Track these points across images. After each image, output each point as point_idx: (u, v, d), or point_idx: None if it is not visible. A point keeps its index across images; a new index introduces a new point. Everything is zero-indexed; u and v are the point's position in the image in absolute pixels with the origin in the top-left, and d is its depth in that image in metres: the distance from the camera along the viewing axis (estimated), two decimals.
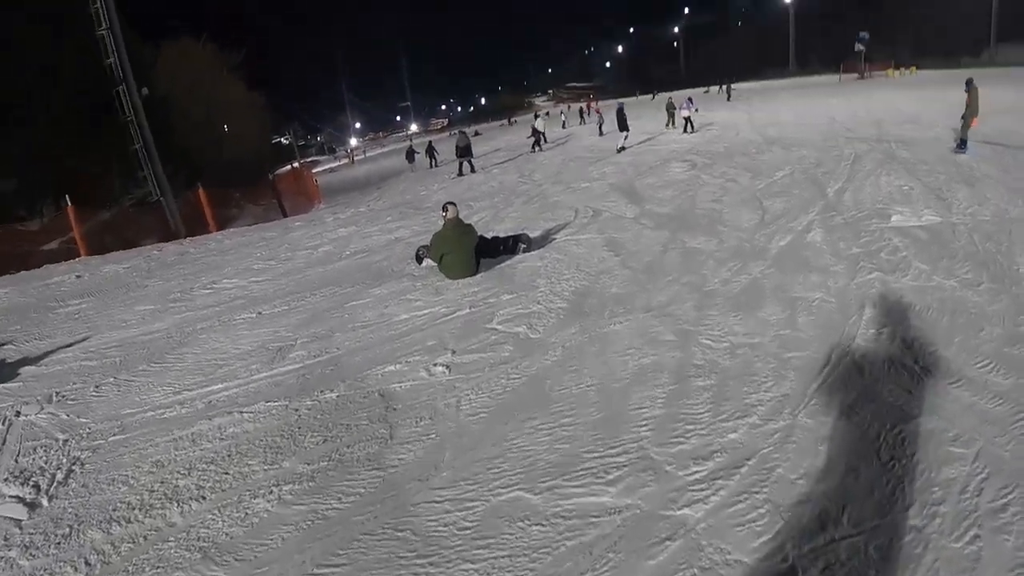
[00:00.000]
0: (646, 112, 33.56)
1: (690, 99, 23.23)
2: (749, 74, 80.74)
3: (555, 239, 8.62)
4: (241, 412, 4.45)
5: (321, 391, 4.63)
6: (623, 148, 19.01)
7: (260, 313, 7.16)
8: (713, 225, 8.12)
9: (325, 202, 23.98)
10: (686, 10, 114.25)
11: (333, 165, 76.07)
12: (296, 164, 40.11)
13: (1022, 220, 6.92)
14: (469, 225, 7.46)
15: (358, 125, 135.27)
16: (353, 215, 16.19)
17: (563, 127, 36.08)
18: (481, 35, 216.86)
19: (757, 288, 5.61)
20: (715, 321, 4.95)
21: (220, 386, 5.03)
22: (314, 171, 47.47)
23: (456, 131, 26.10)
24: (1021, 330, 4.27)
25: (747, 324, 4.82)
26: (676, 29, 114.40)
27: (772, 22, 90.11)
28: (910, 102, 23.33)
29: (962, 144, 11.64)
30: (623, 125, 19.87)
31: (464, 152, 20.99)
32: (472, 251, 7.22)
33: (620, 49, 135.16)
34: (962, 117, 11.77)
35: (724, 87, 47.69)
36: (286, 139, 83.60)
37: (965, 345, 4.10)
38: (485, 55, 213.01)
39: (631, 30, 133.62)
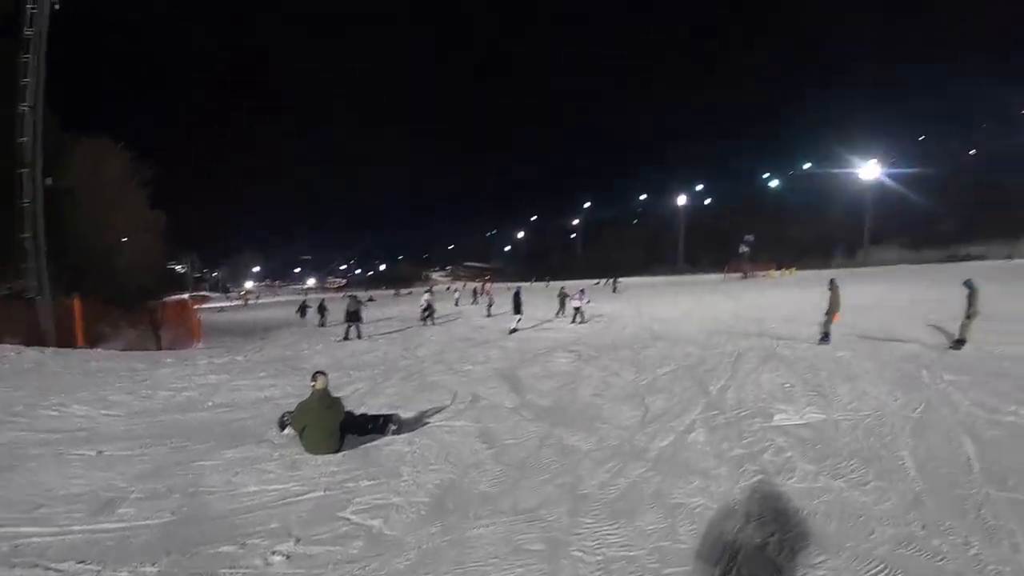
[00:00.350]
0: (538, 299, 35.08)
1: (583, 290, 24.40)
2: (640, 269, 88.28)
3: (428, 423, 8.46)
4: (47, 569, 4.13)
5: (141, 562, 4.28)
6: (515, 330, 20.24)
7: (101, 452, 7.06)
8: (593, 421, 8.10)
9: (205, 342, 23.39)
10: (587, 204, 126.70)
11: (224, 304, 77.62)
12: (185, 296, 38.46)
13: (901, 413, 7.47)
14: (337, 399, 7.39)
15: (256, 269, 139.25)
16: (228, 363, 15.94)
17: (456, 304, 36.92)
18: (390, 203, 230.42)
19: (636, 493, 5.45)
20: (589, 530, 4.68)
21: (33, 529, 4.79)
22: (204, 307, 48.97)
23: (348, 294, 26.42)
24: (912, 528, 4.35)
25: (624, 534, 4.58)
26: (575, 221, 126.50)
27: (665, 221, 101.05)
28: (789, 301, 25.79)
29: (825, 337, 13.41)
30: (518, 308, 21.20)
31: (352, 317, 21.36)
32: (337, 426, 7.10)
33: (521, 234, 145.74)
34: (826, 313, 13.59)
35: (611, 281, 52.49)
36: (181, 268, 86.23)
37: (856, 551, 4.10)
38: (391, 223, 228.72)
39: (533, 218, 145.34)
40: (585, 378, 11.14)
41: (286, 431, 7.66)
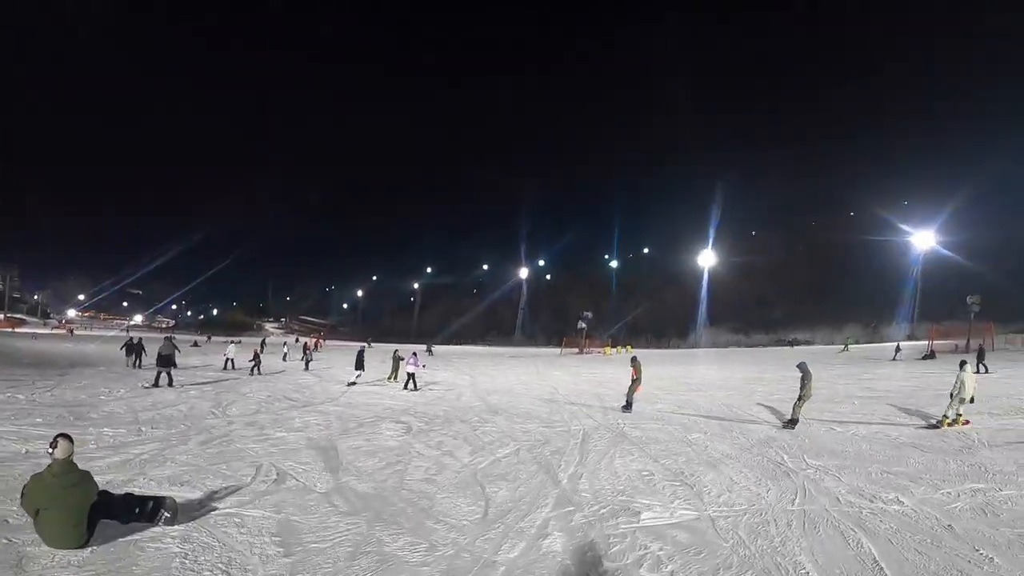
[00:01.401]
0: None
1: (415, 353, 23.17)
2: (476, 338, 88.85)
3: (215, 509, 6.62)
4: None
5: None
6: (354, 383, 21.71)
7: None
8: (423, 517, 6.50)
9: None
10: (428, 269, 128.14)
11: (39, 331, 71.27)
12: None
13: (780, 506, 6.75)
14: (85, 473, 5.63)
15: (81, 296, 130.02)
16: (4, 401, 13.84)
17: (284, 359, 34.47)
18: (230, 245, 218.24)
19: None
20: None
21: None
22: (18, 331, 47.88)
23: (166, 336, 23.69)
24: None
25: None
26: (416, 285, 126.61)
27: (505, 292, 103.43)
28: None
29: (628, 406, 14.70)
30: (360, 364, 22.87)
31: (165, 362, 19.50)
32: (84, 511, 5.42)
33: (360, 293, 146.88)
34: (629, 386, 14.93)
35: (427, 347, 53.43)
36: None
37: None
38: (229, 270, 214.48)
39: (374, 278, 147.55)
40: (415, 457, 9.54)
41: None
